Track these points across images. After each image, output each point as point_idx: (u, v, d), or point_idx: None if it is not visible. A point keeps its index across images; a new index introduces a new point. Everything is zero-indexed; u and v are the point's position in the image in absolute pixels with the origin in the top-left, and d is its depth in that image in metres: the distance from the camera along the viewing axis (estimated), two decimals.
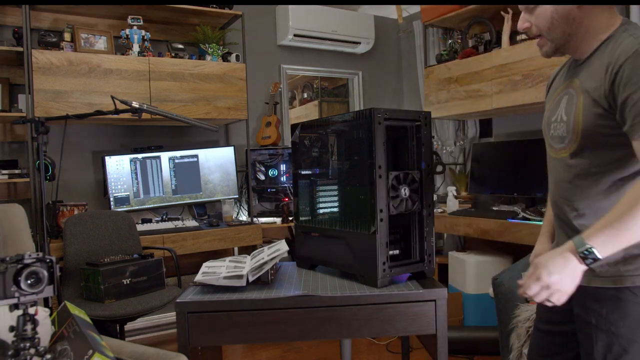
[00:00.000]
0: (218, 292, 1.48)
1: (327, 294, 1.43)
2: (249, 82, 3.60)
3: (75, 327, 1.25)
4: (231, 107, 3.43)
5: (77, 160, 3.35)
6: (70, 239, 2.70)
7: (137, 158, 3.33)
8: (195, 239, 3.15)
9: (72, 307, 1.33)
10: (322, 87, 5.66)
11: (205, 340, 1.44)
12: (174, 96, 3.23)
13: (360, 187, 1.50)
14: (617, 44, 1.14)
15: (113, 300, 2.46)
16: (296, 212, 1.81)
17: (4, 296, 1.02)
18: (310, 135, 1.76)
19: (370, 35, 4.33)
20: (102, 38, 3.15)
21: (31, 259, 1.05)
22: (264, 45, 4.06)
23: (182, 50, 3.44)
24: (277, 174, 3.83)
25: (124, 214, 2.99)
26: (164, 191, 3.41)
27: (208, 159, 3.57)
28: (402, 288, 1.46)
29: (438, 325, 1.44)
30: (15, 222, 2.09)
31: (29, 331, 1.06)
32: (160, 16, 3.44)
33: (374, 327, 1.44)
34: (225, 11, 3.48)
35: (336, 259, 1.62)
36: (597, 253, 1.02)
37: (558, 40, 1.23)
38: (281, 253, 1.59)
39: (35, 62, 2.82)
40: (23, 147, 3.11)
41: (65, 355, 1.21)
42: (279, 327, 1.43)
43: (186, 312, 1.42)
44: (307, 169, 1.77)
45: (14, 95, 3.11)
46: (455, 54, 3.60)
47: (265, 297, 1.43)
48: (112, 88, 3.01)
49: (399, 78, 4.77)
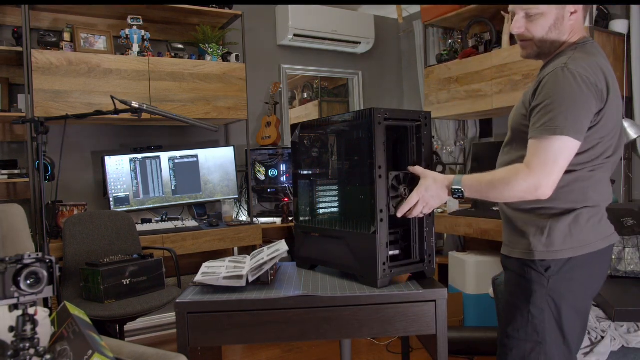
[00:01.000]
0: (218, 293, 1.48)
1: (327, 294, 1.43)
2: (249, 82, 3.60)
3: (75, 328, 1.24)
4: (231, 107, 3.43)
5: (76, 160, 3.35)
6: (69, 239, 2.69)
7: (136, 158, 3.33)
8: (195, 239, 3.15)
9: (71, 307, 1.33)
10: (322, 87, 5.66)
11: (205, 341, 1.43)
12: (174, 96, 3.23)
13: (361, 187, 1.50)
14: (558, 59, 1.34)
15: (113, 301, 2.46)
16: (296, 212, 1.80)
17: (4, 296, 1.02)
18: (310, 135, 1.76)
19: (370, 35, 4.33)
20: (102, 38, 3.14)
21: (31, 259, 1.05)
22: (264, 45, 4.05)
23: (182, 50, 3.44)
24: (277, 174, 3.83)
25: (123, 214, 2.99)
26: (163, 191, 3.41)
27: (208, 159, 3.57)
28: (402, 288, 1.46)
29: (438, 326, 1.44)
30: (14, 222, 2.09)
31: (29, 331, 1.06)
32: (160, 16, 3.43)
33: (374, 327, 1.44)
34: (225, 11, 3.47)
35: (336, 259, 1.62)
36: (462, 194, 1.37)
37: (545, 48, 1.39)
38: (281, 253, 1.59)
39: (35, 62, 2.82)
40: (23, 147, 3.11)
41: (65, 355, 1.21)
42: (278, 328, 1.43)
43: (186, 313, 1.41)
44: (307, 169, 1.76)
45: (13, 95, 3.11)
46: (455, 54, 3.60)
47: (265, 297, 1.43)
48: (112, 88, 3.01)
49: (399, 78, 4.77)
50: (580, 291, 1.36)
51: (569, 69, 1.25)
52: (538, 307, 1.34)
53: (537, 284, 1.35)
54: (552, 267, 1.33)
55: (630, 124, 2.79)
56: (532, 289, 1.35)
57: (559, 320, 1.34)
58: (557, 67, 1.27)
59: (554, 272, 1.33)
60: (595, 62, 1.29)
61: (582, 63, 1.27)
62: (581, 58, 1.29)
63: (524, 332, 1.36)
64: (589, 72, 1.25)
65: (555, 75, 1.26)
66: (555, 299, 1.33)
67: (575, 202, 1.33)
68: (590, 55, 1.31)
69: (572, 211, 1.33)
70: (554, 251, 1.33)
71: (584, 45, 1.36)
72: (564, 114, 1.22)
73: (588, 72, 1.25)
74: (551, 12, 1.33)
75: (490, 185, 1.32)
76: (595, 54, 1.33)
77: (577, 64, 1.26)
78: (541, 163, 1.24)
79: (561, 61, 1.29)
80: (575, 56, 1.30)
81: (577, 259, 1.33)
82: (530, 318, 1.35)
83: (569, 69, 1.25)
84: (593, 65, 1.27)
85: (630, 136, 2.78)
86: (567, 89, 1.24)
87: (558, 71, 1.26)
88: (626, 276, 2.26)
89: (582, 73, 1.24)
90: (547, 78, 1.28)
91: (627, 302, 1.92)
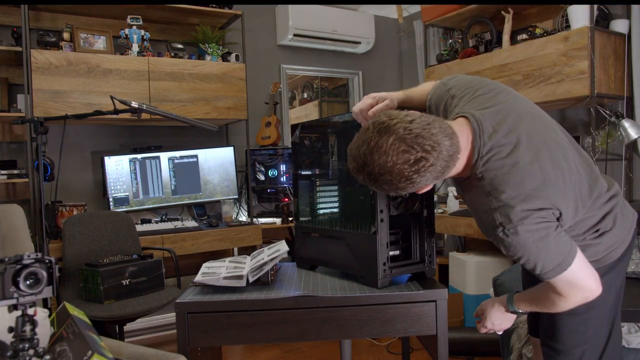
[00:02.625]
0: (218, 293, 1.48)
1: (327, 295, 1.43)
2: (249, 82, 3.59)
3: (75, 328, 1.24)
4: (231, 107, 3.43)
5: (76, 160, 3.35)
6: (69, 239, 2.69)
7: (136, 158, 3.33)
8: (194, 240, 3.14)
9: (71, 307, 1.33)
10: (322, 87, 5.66)
11: (205, 341, 1.43)
12: (174, 96, 3.23)
13: (361, 187, 1.49)
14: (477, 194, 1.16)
15: (112, 301, 2.46)
16: (296, 213, 1.80)
17: (3, 297, 1.01)
18: (311, 135, 1.75)
19: (371, 35, 4.32)
20: (102, 38, 3.14)
21: (30, 259, 1.05)
22: (264, 45, 4.05)
23: (182, 50, 3.43)
24: (277, 174, 3.82)
25: (123, 214, 2.98)
26: (163, 191, 3.41)
27: (208, 159, 3.56)
28: (402, 289, 1.46)
29: (438, 326, 1.43)
30: (14, 222, 2.08)
31: (28, 332, 1.05)
32: (160, 16, 3.43)
33: (374, 327, 1.43)
34: (225, 11, 3.47)
35: (336, 259, 1.61)
36: (519, 312, 1.38)
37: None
38: (281, 253, 1.58)
39: (34, 62, 2.81)
40: (22, 147, 3.10)
41: (65, 356, 1.21)
42: (278, 328, 1.42)
43: (186, 313, 1.41)
44: (307, 169, 1.76)
45: (12, 95, 3.10)
46: (455, 53, 3.60)
47: (265, 297, 1.42)
48: (112, 88, 3.00)
49: (399, 78, 4.76)
50: (621, 287, 1.39)
51: (517, 228, 1.07)
52: (596, 311, 1.31)
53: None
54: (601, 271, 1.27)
55: (630, 124, 2.79)
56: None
57: (613, 315, 1.35)
58: (496, 227, 1.10)
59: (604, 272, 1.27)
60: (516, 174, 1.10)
61: (510, 203, 1.08)
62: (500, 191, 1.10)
63: (578, 338, 1.33)
64: (530, 203, 1.07)
65: (506, 240, 1.10)
66: (607, 297, 1.29)
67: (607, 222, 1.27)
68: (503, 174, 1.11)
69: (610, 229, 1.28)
70: (609, 254, 1.30)
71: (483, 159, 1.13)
72: (552, 258, 1.11)
73: (531, 204, 1.07)
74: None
75: (540, 304, 1.29)
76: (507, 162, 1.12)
77: (508, 213, 1.08)
78: (571, 289, 1.16)
79: (489, 215, 1.11)
80: (492, 193, 1.11)
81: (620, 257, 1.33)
82: (587, 324, 1.32)
83: (518, 227, 1.07)
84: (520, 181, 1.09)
85: (630, 136, 2.77)
86: (536, 244, 1.09)
87: (506, 236, 1.09)
88: (627, 276, 2.26)
89: (531, 217, 1.07)
90: (500, 240, 1.11)
91: (628, 303, 1.91)
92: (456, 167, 1.14)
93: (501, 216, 1.09)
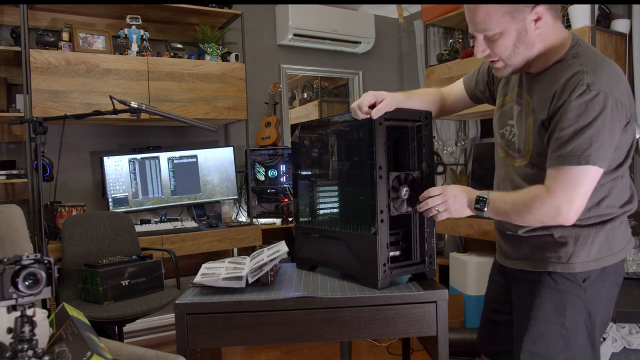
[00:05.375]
0: (217, 294, 1.47)
1: (327, 296, 1.42)
2: (249, 82, 3.59)
3: (74, 329, 1.24)
4: (230, 107, 3.42)
5: (75, 160, 3.34)
6: (68, 240, 2.68)
7: (135, 158, 3.32)
8: (194, 240, 3.14)
9: (70, 308, 1.32)
10: (322, 87, 5.65)
11: (204, 342, 1.42)
12: (173, 96, 3.22)
13: (361, 187, 1.49)
14: (565, 70, 1.22)
15: (111, 302, 2.45)
16: (296, 213, 1.79)
17: (2, 298, 1.01)
18: (310, 135, 1.75)
19: (371, 35, 4.32)
20: (101, 38, 3.13)
21: (29, 260, 1.04)
22: (264, 45, 4.05)
23: (181, 50, 3.43)
24: (277, 175, 3.82)
25: (122, 214, 2.98)
26: (162, 192, 3.40)
27: (207, 159, 3.56)
28: (402, 289, 1.45)
29: (439, 327, 1.43)
30: (13, 223, 2.08)
31: (27, 333, 1.05)
32: (159, 16, 3.42)
33: (374, 328, 1.43)
34: (225, 10, 3.46)
35: (336, 260, 1.61)
36: (484, 213, 1.31)
37: (519, 64, 1.29)
38: (281, 254, 1.58)
39: (33, 62, 2.81)
40: (21, 147, 3.10)
41: (64, 357, 1.20)
42: (278, 329, 1.42)
43: (185, 314, 1.40)
44: (307, 170, 1.76)
45: (11, 95, 3.09)
46: (456, 53, 3.59)
47: (265, 298, 1.42)
48: (111, 88, 2.99)
49: (400, 78, 4.76)
50: (610, 298, 1.33)
51: (600, 92, 1.14)
52: (572, 320, 1.28)
53: (573, 295, 1.28)
54: (591, 277, 1.28)
55: None
56: (565, 301, 1.28)
57: (591, 331, 1.29)
58: (579, 85, 1.16)
59: (591, 282, 1.28)
60: (613, 70, 1.20)
61: (604, 77, 1.16)
62: (598, 67, 1.18)
63: (555, 348, 1.29)
64: (617, 91, 1.16)
65: (582, 97, 1.15)
66: (590, 310, 1.28)
67: (614, 207, 1.29)
68: (602, 61, 1.22)
69: (611, 220, 1.29)
70: (594, 260, 1.28)
71: (580, 45, 1.26)
72: (589, 142, 1.15)
73: (618, 93, 1.16)
74: (510, 29, 1.22)
75: (513, 205, 1.27)
76: (602, 55, 1.25)
77: (600, 79, 1.16)
78: (562, 188, 1.18)
79: (577, 77, 1.18)
80: (589, 64, 1.19)
81: (611, 265, 1.29)
82: (564, 332, 1.28)
83: (601, 91, 1.14)
84: (617, 77, 1.19)
85: None
86: (595, 116, 1.14)
87: (585, 93, 1.15)
88: (627, 277, 2.26)
89: (614, 96, 1.15)
90: (569, 101, 1.17)
91: (629, 304, 1.91)
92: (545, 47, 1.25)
93: (592, 77, 1.16)
